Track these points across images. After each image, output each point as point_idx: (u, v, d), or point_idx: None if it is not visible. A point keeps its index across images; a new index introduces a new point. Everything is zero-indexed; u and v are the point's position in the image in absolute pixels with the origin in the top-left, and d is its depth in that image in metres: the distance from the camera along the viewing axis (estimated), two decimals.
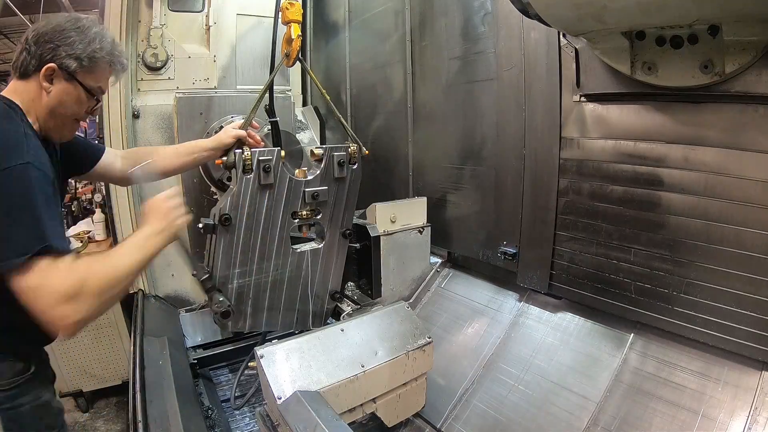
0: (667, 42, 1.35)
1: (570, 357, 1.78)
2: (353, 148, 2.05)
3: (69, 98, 1.28)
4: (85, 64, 1.27)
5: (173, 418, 1.76)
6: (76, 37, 1.26)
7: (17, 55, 1.25)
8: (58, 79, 1.25)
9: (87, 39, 1.27)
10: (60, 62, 1.24)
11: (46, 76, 1.23)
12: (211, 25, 2.98)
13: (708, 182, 1.44)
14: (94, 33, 1.29)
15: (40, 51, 1.23)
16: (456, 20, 2.30)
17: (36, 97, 1.25)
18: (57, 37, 1.24)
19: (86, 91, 1.30)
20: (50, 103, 1.26)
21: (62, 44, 1.24)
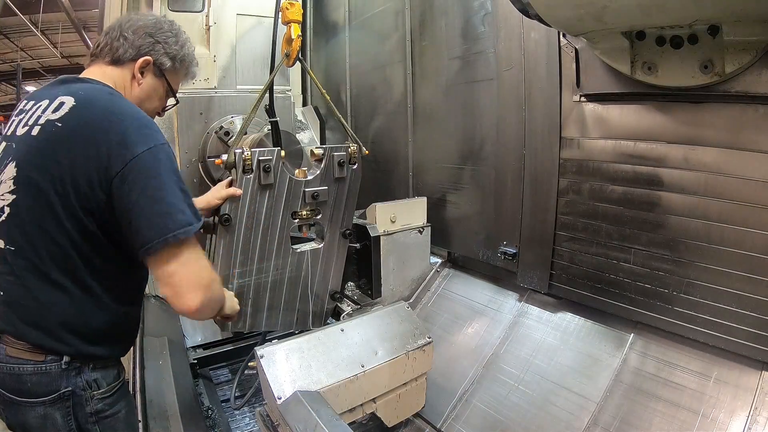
0: (667, 42, 1.35)
1: (570, 357, 1.78)
2: (353, 148, 2.05)
3: (155, 93, 1.36)
4: (176, 66, 1.37)
5: (173, 418, 1.76)
6: (173, 38, 1.34)
7: (109, 40, 1.28)
8: (149, 72, 1.31)
9: (180, 42, 1.37)
10: (156, 57, 1.31)
11: (141, 67, 1.29)
12: (211, 25, 2.98)
13: (708, 182, 1.44)
14: (185, 38, 1.39)
15: (140, 42, 1.28)
16: (456, 20, 2.30)
17: (127, 85, 1.29)
18: (156, 34, 1.31)
19: (169, 90, 1.39)
20: (139, 94, 1.31)
21: (161, 41, 1.31)
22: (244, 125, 2.04)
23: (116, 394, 1.25)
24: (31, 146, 1.09)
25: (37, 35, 9.03)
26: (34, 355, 1.12)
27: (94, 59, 1.31)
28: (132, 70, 1.29)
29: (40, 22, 8.41)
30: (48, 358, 1.12)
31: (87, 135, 1.07)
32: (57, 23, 9.17)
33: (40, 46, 10.23)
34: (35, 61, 11.44)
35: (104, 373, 1.22)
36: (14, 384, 1.12)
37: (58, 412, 1.15)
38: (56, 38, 10.04)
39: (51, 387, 1.13)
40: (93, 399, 1.19)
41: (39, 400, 1.13)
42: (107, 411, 1.22)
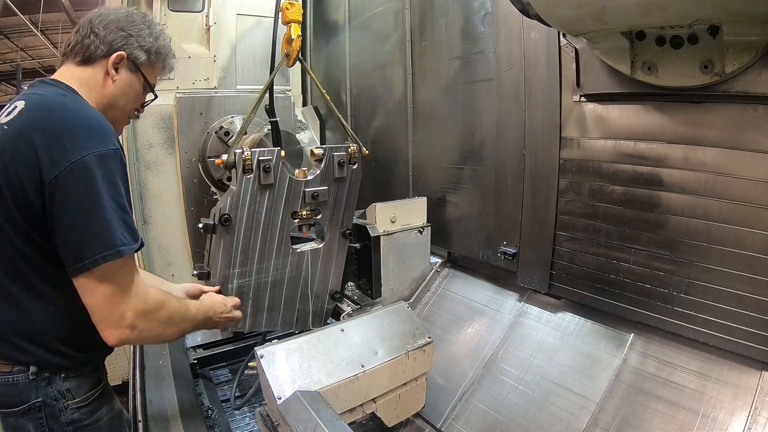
0: (667, 42, 1.35)
1: (570, 357, 1.78)
2: (353, 148, 2.05)
3: (131, 90, 1.28)
4: (152, 59, 1.29)
5: (173, 418, 1.76)
6: (146, 30, 1.26)
7: (79, 38, 1.21)
8: (123, 68, 1.24)
9: (154, 34, 1.28)
10: (130, 52, 1.23)
11: (114, 63, 1.22)
12: (211, 25, 2.98)
13: (708, 182, 1.44)
14: (159, 30, 1.31)
15: (111, 38, 1.21)
16: (456, 20, 2.30)
17: (99, 84, 1.22)
18: (129, 27, 1.24)
19: (147, 85, 1.32)
20: (114, 92, 1.24)
21: (134, 35, 1.24)
22: (244, 125, 2.05)
23: (95, 401, 1.22)
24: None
25: (37, 35, 9.04)
26: (1, 366, 1.10)
27: (65, 59, 1.25)
28: (105, 67, 1.22)
29: (40, 22, 8.41)
30: (14, 369, 1.10)
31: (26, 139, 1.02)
32: (57, 23, 9.18)
33: (40, 46, 10.23)
34: (35, 61, 11.45)
35: (78, 381, 1.19)
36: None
37: (30, 423, 1.13)
38: (56, 38, 10.04)
39: (20, 398, 1.11)
40: (68, 409, 1.16)
41: (9, 411, 1.12)
42: (86, 420, 1.19)
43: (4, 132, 1.05)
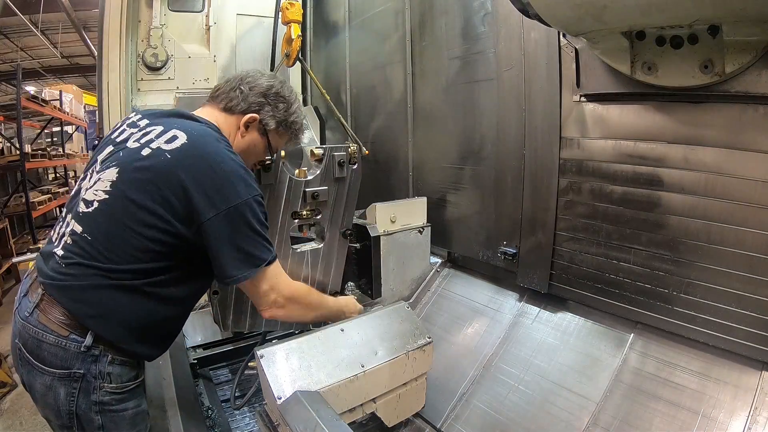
0: (667, 42, 1.35)
1: (570, 357, 1.78)
2: (353, 148, 2.05)
3: (255, 148, 1.49)
4: (280, 129, 1.50)
5: (173, 418, 1.76)
6: (282, 105, 1.47)
7: (228, 90, 1.45)
8: (253, 128, 1.45)
9: (291, 110, 1.50)
10: (263, 117, 1.45)
11: (246, 122, 1.43)
12: (211, 25, 2.98)
13: (708, 182, 1.44)
14: (297, 107, 1.52)
15: (252, 100, 1.43)
16: (456, 20, 2.30)
17: (233, 133, 1.43)
18: (269, 96, 1.45)
19: (269, 148, 1.51)
20: (241, 144, 1.44)
21: (271, 104, 1.45)
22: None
23: (128, 393, 1.28)
24: (137, 164, 1.21)
25: (37, 35, 9.03)
26: (60, 328, 1.18)
27: (211, 101, 1.47)
28: (239, 121, 1.42)
29: (40, 22, 8.40)
30: (70, 336, 1.18)
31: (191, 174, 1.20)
32: (57, 23, 9.16)
33: (40, 46, 10.21)
34: (35, 61, 11.43)
35: (121, 369, 1.26)
36: (34, 348, 1.19)
37: (63, 389, 1.20)
38: (56, 38, 10.03)
39: (65, 363, 1.19)
40: (101, 390, 1.22)
41: (50, 371, 1.19)
42: (113, 406, 1.25)
43: (168, 160, 1.20)
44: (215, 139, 1.29)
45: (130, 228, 1.18)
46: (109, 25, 2.69)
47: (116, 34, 2.71)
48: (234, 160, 1.27)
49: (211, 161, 1.22)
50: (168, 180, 1.18)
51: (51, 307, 1.19)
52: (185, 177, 1.18)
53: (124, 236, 1.18)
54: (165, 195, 1.18)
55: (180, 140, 1.22)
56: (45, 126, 8.86)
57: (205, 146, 1.24)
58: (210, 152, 1.24)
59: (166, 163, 1.19)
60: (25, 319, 1.21)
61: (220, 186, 1.21)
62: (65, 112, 8.81)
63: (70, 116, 9.26)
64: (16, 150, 6.87)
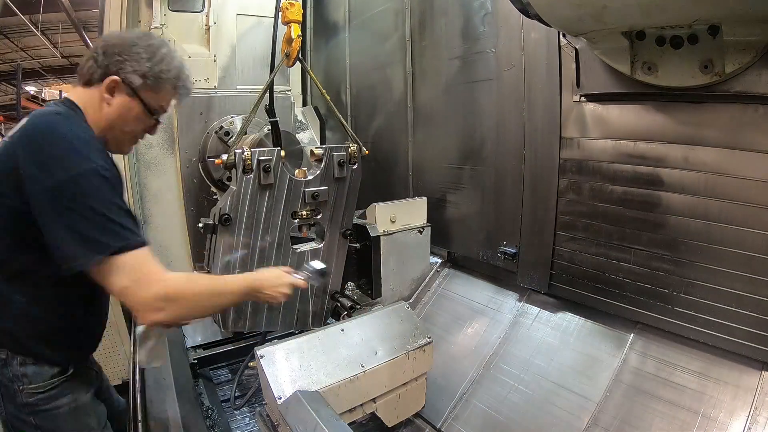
0: (667, 42, 1.35)
1: (570, 357, 1.78)
2: (353, 148, 2.05)
3: (129, 113, 1.29)
4: (150, 83, 1.28)
5: (173, 418, 1.76)
6: (144, 55, 1.27)
7: (84, 62, 1.28)
8: (119, 92, 1.26)
9: (155, 58, 1.28)
10: (124, 76, 1.25)
11: (108, 87, 1.25)
12: (211, 25, 2.98)
13: (708, 182, 1.44)
14: (163, 53, 1.30)
15: (107, 62, 1.25)
16: (456, 20, 2.30)
17: (97, 106, 1.26)
18: (125, 52, 1.26)
19: (147, 110, 1.32)
20: (110, 115, 1.27)
21: (130, 59, 1.25)
22: (244, 125, 2.05)
23: (56, 389, 1.24)
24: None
25: (37, 35, 9.03)
26: None
27: (76, 80, 1.31)
28: (101, 90, 1.25)
29: (40, 22, 8.41)
30: None
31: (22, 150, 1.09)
32: (57, 23, 9.17)
33: (40, 46, 10.22)
34: (35, 61, 11.44)
35: (37, 368, 1.21)
36: None
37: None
38: (56, 38, 10.03)
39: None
40: (24, 392, 1.20)
41: None
42: (43, 405, 1.22)
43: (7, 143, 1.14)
44: (55, 113, 1.18)
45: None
46: (109, 25, 2.69)
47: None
48: (72, 131, 1.13)
49: (40, 134, 1.11)
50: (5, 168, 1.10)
51: None
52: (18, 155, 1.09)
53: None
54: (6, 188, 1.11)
55: (18, 126, 1.17)
56: None
57: (39, 123, 1.15)
58: (41, 126, 1.13)
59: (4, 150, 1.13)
60: None
61: (47, 158, 1.08)
62: None
63: None
64: None
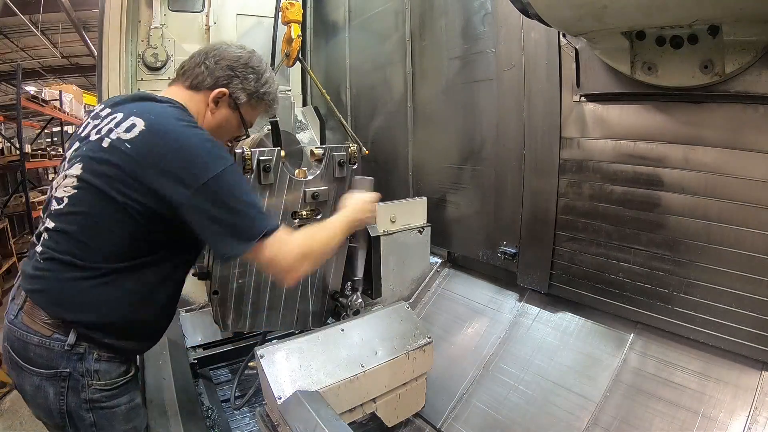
0: (667, 42, 1.35)
1: (570, 357, 1.78)
2: (353, 148, 2.05)
3: (227, 124, 1.41)
4: (252, 102, 1.42)
5: (173, 418, 1.76)
6: (252, 75, 1.39)
7: (193, 66, 1.36)
8: (223, 104, 1.37)
9: (261, 80, 1.41)
10: (232, 91, 1.36)
11: (215, 97, 1.35)
12: (211, 25, 2.98)
13: (708, 182, 1.44)
14: (267, 77, 1.43)
15: (219, 74, 1.34)
16: (456, 20, 2.30)
17: (202, 112, 1.36)
18: (238, 68, 1.36)
19: (243, 123, 1.43)
20: (211, 122, 1.37)
21: (240, 76, 1.37)
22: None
23: (119, 389, 1.27)
24: (99, 156, 1.18)
25: (37, 35, 9.03)
26: (43, 329, 1.18)
27: (177, 79, 1.39)
28: (208, 98, 1.34)
29: (40, 22, 8.39)
30: (53, 335, 1.18)
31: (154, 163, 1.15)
32: (57, 23, 9.16)
33: (40, 46, 10.21)
34: (35, 61, 11.43)
35: (109, 365, 1.24)
36: (21, 350, 1.20)
37: (52, 389, 1.20)
38: (56, 38, 10.03)
39: (51, 363, 1.19)
40: (90, 387, 1.22)
41: (37, 371, 1.19)
42: (104, 403, 1.24)
43: (128, 150, 1.16)
44: (175, 118, 1.23)
45: (100, 222, 1.17)
46: (109, 25, 2.69)
47: (116, 34, 2.71)
48: (197, 135, 1.21)
49: (171, 143, 1.16)
50: (132, 177, 1.15)
51: (34, 309, 1.19)
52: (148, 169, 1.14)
53: (95, 230, 1.17)
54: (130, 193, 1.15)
55: (138, 127, 1.18)
56: (45, 126, 8.87)
57: (164, 129, 1.19)
58: (170, 134, 1.18)
59: (127, 156, 1.15)
60: (11, 322, 1.22)
61: (186, 166, 1.15)
62: (65, 112, 8.80)
63: (70, 116, 9.25)
64: (16, 150, 6.88)
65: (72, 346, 1.18)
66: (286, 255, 1.25)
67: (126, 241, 1.19)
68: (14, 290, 1.28)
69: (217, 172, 1.16)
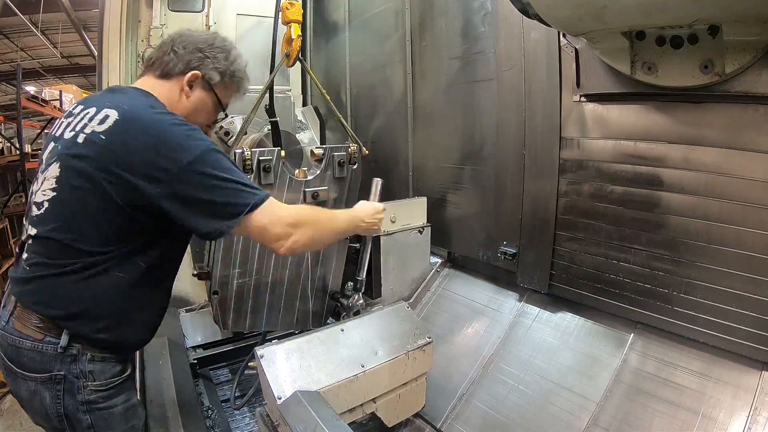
0: (667, 42, 1.35)
1: (570, 357, 1.78)
2: (353, 148, 2.05)
3: (204, 106, 1.41)
4: (225, 80, 1.42)
5: (173, 418, 1.76)
6: (221, 54, 1.40)
7: (160, 54, 1.36)
8: (197, 86, 1.38)
9: (231, 58, 1.42)
10: (205, 72, 1.37)
11: (189, 81, 1.35)
12: (211, 25, 2.98)
13: (708, 182, 1.44)
14: (235, 54, 1.45)
15: (189, 57, 1.35)
16: (456, 20, 2.30)
17: (175, 98, 1.35)
18: (206, 49, 1.37)
19: (218, 103, 1.44)
20: (188, 107, 1.37)
21: (210, 57, 1.38)
22: (244, 125, 2.05)
23: (114, 389, 1.27)
24: (75, 152, 1.17)
25: (37, 35, 9.03)
26: (35, 333, 1.18)
27: (146, 71, 1.38)
28: (181, 83, 1.34)
29: (40, 22, 8.40)
30: (45, 338, 1.18)
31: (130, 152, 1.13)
32: (57, 23, 9.16)
33: (40, 46, 10.21)
34: (35, 61, 11.44)
35: (103, 366, 1.24)
36: (14, 356, 1.20)
37: (48, 392, 1.19)
38: (56, 38, 10.03)
39: (45, 366, 1.18)
40: (86, 389, 1.21)
41: (32, 376, 1.19)
42: (101, 403, 1.24)
43: (102, 141, 1.15)
44: (148, 106, 1.23)
45: (83, 219, 1.16)
46: (109, 25, 2.69)
47: (116, 34, 2.71)
48: (171, 121, 1.20)
49: (147, 130, 1.16)
50: (109, 168, 1.13)
51: (25, 313, 1.19)
52: (126, 158, 1.13)
53: (79, 230, 1.16)
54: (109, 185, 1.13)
55: (111, 118, 1.17)
56: (45, 126, 8.85)
57: (138, 116, 1.18)
58: (143, 120, 1.17)
59: (101, 148, 1.14)
60: (3, 329, 1.21)
61: (165, 151, 1.14)
62: (65, 112, 8.80)
63: None
64: (16, 150, 6.88)
65: (65, 348, 1.17)
66: (275, 223, 1.25)
67: (111, 232, 1.17)
68: (4, 298, 1.28)
69: (195, 154, 1.14)
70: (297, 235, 1.29)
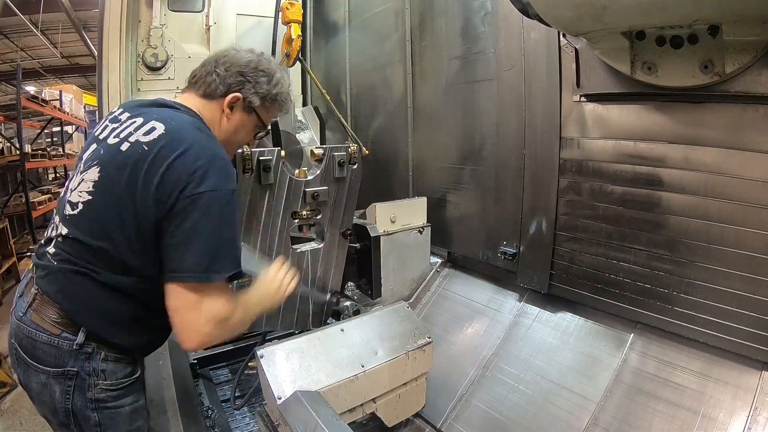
0: (667, 42, 1.35)
1: (570, 357, 1.78)
2: (353, 148, 2.05)
3: (243, 128, 1.43)
4: (267, 104, 1.43)
5: (173, 418, 1.76)
6: (263, 78, 1.40)
7: (203, 74, 1.37)
8: (238, 108, 1.39)
9: (273, 81, 1.42)
10: (246, 96, 1.37)
11: (230, 103, 1.36)
12: (211, 25, 2.98)
13: (708, 182, 1.44)
14: (278, 78, 1.44)
15: (230, 81, 1.36)
16: (456, 20, 2.30)
17: (217, 119, 1.38)
18: (248, 73, 1.38)
19: (260, 122, 1.46)
20: (228, 128, 1.39)
21: (251, 81, 1.38)
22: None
23: (124, 389, 1.28)
24: (118, 159, 1.18)
25: (37, 35, 9.03)
26: (52, 327, 1.19)
27: (189, 87, 1.41)
28: (222, 104, 1.36)
29: (40, 22, 8.40)
30: (62, 334, 1.19)
31: (169, 165, 1.14)
32: (57, 23, 9.17)
33: (40, 46, 10.22)
34: (35, 61, 11.44)
35: (116, 366, 1.25)
36: (29, 347, 1.21)
37: (58, 387, 1.20)
38: (56, 38, 10.03)
39: (59, 361, 1.19)
40: (96, 387, 1.22)
41: (44, 369, 1.20)
42: (109, 403, 1.25)
43: (146, 152, 1.16)
44: (194, 127, 1.24)
45: (115, 229, 1.16)
46: (109, 25, 2.69)
47: (116, 34, 2.71)
48: (213, 150, 1.21)
49: (187, 148, 1.16)
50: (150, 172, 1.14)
51: (43, 306, 1.20)
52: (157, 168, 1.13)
53: (110, 237, 1.17)
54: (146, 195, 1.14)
55: (158, 131, 1.19)
56: (45, 126, 8.86)
57: (184, 135, 1.19)
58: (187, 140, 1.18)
59: (145, 155, 1.15)
60: (20, 319, 1.23)
61: (196, 172, 1.14)
62: (65, 112, 8.81)
63: (70, 116, 9.27)
64: (16, 150, 6.87)
65: (81, 345, 1.19)
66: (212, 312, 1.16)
67: (139, 246, 1.17)
68: (22, 286, 1.28)
69: (219, 189, 1.15)
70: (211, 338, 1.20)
